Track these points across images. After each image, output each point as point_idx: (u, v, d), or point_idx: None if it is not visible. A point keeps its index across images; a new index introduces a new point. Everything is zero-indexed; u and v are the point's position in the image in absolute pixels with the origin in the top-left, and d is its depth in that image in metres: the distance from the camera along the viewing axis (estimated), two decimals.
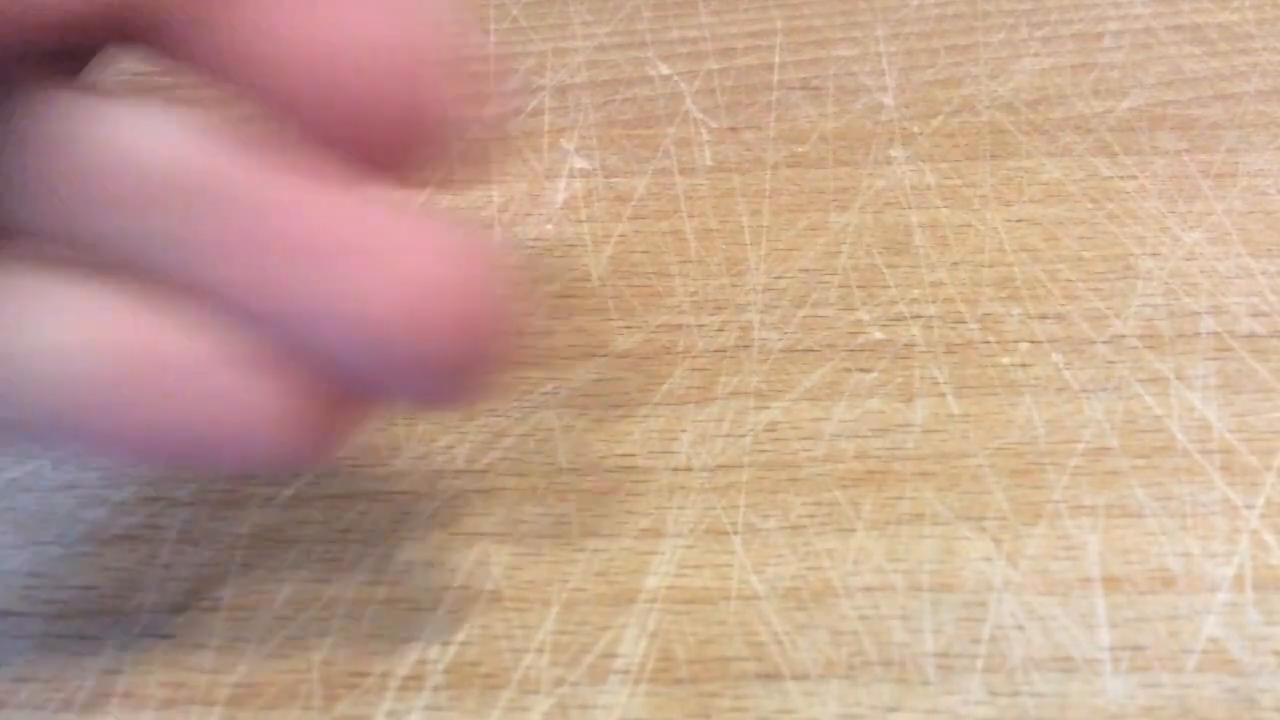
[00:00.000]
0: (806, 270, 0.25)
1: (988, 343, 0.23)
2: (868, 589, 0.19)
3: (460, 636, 0.19)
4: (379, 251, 0.14)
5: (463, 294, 0.14)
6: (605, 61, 0.32)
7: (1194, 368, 0.22)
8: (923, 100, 0.30)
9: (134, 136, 0.14)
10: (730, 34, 0.33)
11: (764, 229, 0.26)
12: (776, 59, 0.32)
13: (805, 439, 0.21)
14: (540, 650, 0.18)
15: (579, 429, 0.22)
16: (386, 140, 0.14)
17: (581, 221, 0.27)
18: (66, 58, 0.15)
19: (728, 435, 0.21)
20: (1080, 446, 0.21)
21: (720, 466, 0.21)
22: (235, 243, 0.14)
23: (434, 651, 0.18)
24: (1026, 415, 0.22)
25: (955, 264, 0.25)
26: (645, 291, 0.25)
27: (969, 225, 0.26)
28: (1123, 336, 0.23)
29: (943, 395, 0.22)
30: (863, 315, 0.24)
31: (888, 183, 0.27)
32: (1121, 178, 0.27)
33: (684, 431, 0.22)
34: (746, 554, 0.19)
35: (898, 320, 0.24)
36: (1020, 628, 0.18)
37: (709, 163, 0.28)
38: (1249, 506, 0.20)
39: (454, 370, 0.14)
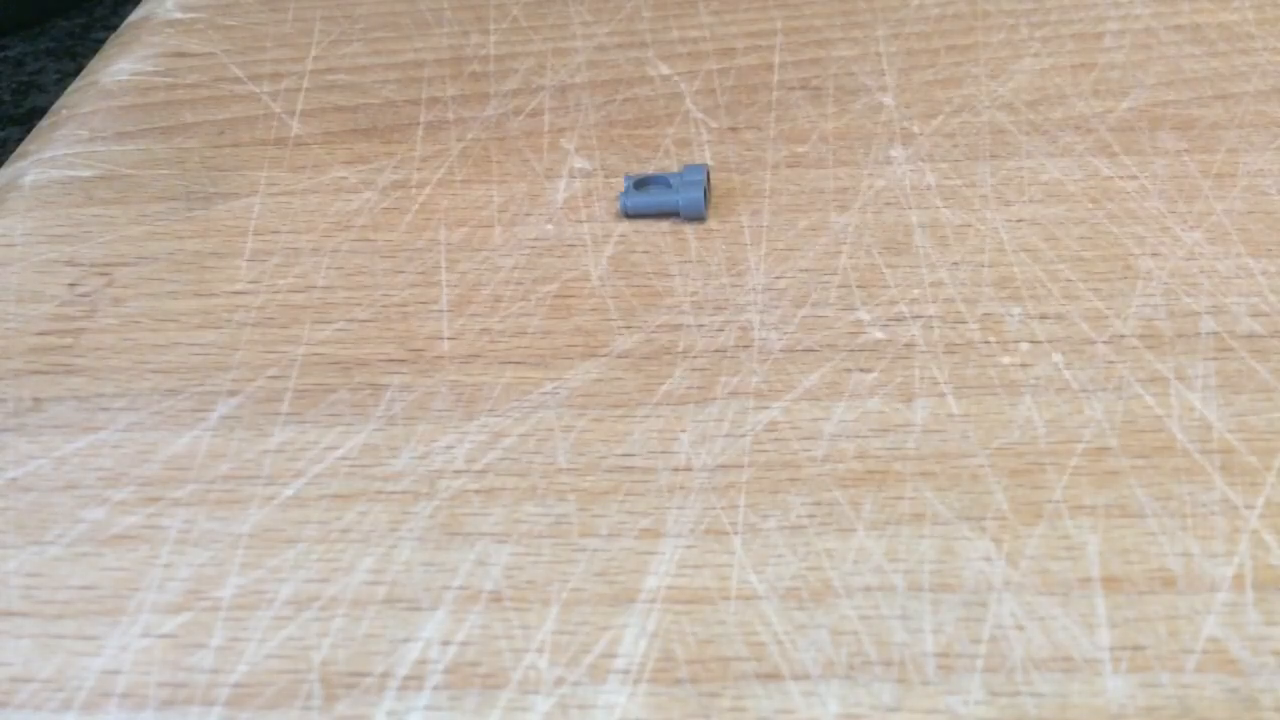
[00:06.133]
0: (806, 270, 0.25)
1: (988, 343, 0.23)
2: (868, 589, 0.19)
3: (460, 636, 0.19)
4: None
5: None
6: (605, 61, 0.32)
7: (1194, 368, 0.22)
8: (923, 100, 0.30)
9: None
10: (730, 34, 0.33)
11: (764, 229, 0.26)
12: (776, 59, 0.32)
13: (805, 439, 0.21)
14: (540, 650, 0.18)
15: (579, 429, 0.22)
16: None
17: (581, 221, 0.27)
18: None
19: (728, 435, 0.21)
20: (1080, 446, 0.21)
21: (720, 466, 0.21)
22: None
23: (434, 651, 0.18)
24: (1026, 415, 0.22)
25: (955, 264, 0.25)
26: (645, 291, 0.25)
27: (969, 225, 0.26)
28: (1123, 336, 0.23)
29: (943, 395, 0.22)
30: (863, 315, 0.24)
31: (888, 183, 0.27)
32: (1121, 178, 0.27)
33: (684, 431, 0.22)
34: (746, 554, 0.19)
35: (898, 320, 0.24)
36: (1020, 628, 0.18)
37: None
38: (1249, 506, 0.20)
39: None
